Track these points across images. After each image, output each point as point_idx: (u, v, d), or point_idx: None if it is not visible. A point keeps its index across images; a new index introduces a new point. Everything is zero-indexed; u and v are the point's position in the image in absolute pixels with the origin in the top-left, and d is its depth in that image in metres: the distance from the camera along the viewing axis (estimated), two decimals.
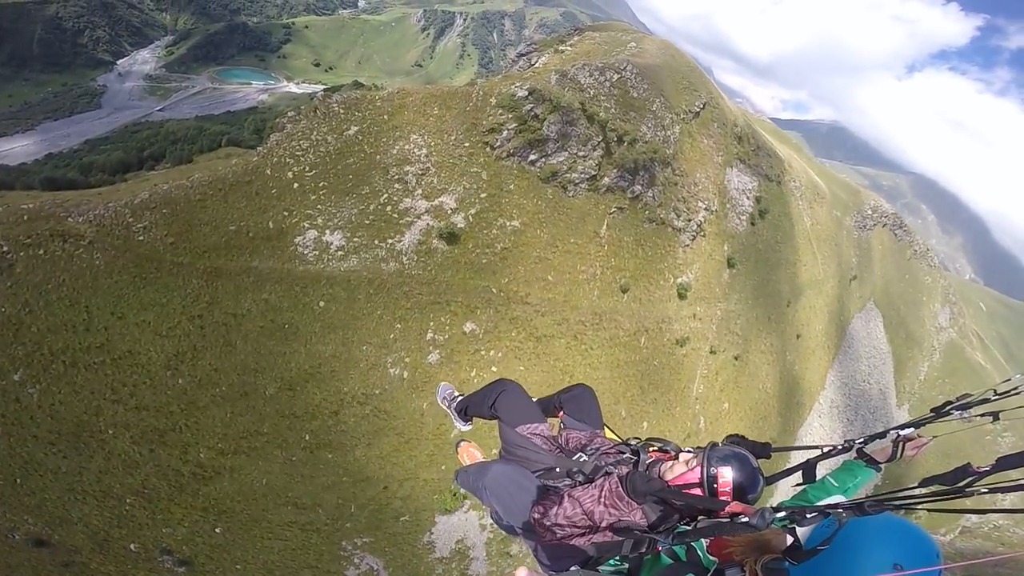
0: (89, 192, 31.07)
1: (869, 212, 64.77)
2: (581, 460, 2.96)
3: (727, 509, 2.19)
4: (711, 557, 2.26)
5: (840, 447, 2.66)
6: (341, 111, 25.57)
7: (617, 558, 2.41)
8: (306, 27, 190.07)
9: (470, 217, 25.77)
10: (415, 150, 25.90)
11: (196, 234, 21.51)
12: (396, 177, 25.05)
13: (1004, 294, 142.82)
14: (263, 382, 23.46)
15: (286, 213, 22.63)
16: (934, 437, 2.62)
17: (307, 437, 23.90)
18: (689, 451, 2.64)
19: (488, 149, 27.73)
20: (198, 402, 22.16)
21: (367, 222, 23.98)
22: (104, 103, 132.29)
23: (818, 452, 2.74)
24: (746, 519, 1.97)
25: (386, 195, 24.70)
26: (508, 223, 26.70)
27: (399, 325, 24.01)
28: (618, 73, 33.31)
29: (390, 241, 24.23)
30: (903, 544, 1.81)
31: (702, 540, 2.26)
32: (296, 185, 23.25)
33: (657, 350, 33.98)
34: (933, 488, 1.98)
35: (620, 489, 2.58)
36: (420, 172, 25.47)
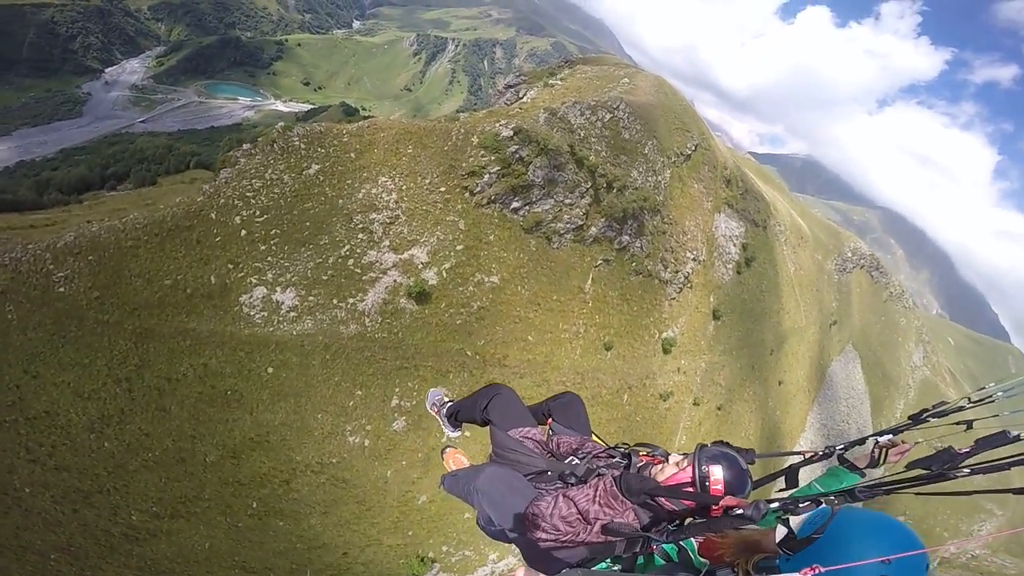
0: (19, 222, 28.27)
1: (849, 255, 65.62)
2: (573, 463, 2.98)
3: (721, 503, 2.21)
4: (702, 559, 2.31)
5: (821, 453, 2.75)
6: (302, 146, 23.18)
7: (610, 559, 2.48)
8: (299, 45, 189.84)
9: (443, 272, 23.46)
10: (384, 194, 23.66)
11: (126, 288, 18.86)
12: (360, 226, 22.61)
13: (970, 328, 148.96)
14: (203, 449, 21.53)
15: (231, 266, 19.97)
16: (916, 443, 2.71)
17: (254, 504, 21.96)
18: (678, 455, 2.62)
19: (467, 195, 25.81)
20: (127, 466, 20.03)
21: (325, 278, 21.42)
22: (86, 111, 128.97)
23: (800, 458, 2.83)
24: (741, 511, 2.10)
25: (348, 246, 22.22)
26: (486, 279, 24.49)
27: (360, 392, 21.51)
28: (611, 112, 31.90)
29: (351, 300, 21.69)
30: (890, 533, 1.85)
31: (692, 541, 2.33)
32: (244, 232, 20.57)
33: (640, 406, 32.44)
34: (918, 472, 2.00)
35: (615, 488, 2.57)
36: (388, 220, 23.12)
